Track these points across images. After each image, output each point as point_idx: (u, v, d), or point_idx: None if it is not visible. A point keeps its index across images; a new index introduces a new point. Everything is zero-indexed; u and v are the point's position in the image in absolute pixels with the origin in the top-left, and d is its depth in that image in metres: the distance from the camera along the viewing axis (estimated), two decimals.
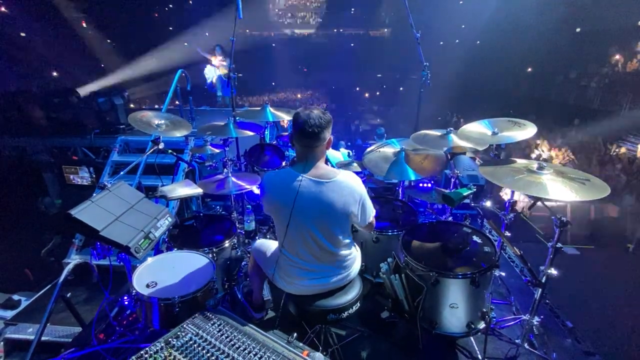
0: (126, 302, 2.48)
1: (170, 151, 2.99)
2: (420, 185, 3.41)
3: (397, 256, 2.28)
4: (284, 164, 3.69)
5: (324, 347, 2.05)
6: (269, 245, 2.14)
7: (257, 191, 3.14)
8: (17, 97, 5.85)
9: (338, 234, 1.82)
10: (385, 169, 2.68)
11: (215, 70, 8.13)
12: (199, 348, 1.37)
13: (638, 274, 5.18)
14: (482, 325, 2.16)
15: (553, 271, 2.05)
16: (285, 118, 3.61)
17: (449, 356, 2.32)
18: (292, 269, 1.87)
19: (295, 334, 1.47)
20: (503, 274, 2.77)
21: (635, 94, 12.56)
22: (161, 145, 2.76)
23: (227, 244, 2.56)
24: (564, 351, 2.43)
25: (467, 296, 2.09)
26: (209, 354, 1.34)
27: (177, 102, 6.49)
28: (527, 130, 2.45)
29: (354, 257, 2.00)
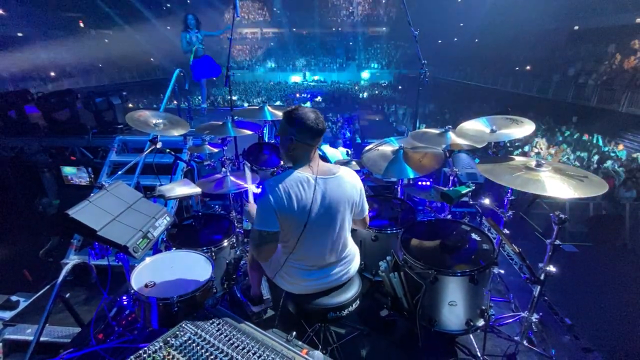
0: (125, 302, 2.48)
1: (168, 150, 2.99)
2: (419, 183, 3.42)
3: (396, 254, 2.28)
4: (282, 162, 3.68)
5: (324, 345, 2.05)
6: None
7: (255, 190, 3.14)
8: (15, 97, 5.82)
9: (346, 228, 1.84)
10: (383, 167, 2.68)
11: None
12: (198, 347, 1.37)
13: (636, 271, 5.20)
14: (481, 322, 2.16)
15: (552, 268, 2.05)
16: None
17: (448, 354, 2.32)
18: (296, 270, 1.86)
19: (294, 333, 1.47)
20: (502, 271, 2.76)
21: (633, 91, 12.58)
22: (159, 145, 2.75)
23: (226, 243, 2.56)
24: (563, 348, 2.43)
25: (465, 294, 2.09)
26: (207, 353, 1.34)
27: (175, 102, 6.48)
28: (524, 128, 2.45)
29: (353, 253, 2.00)
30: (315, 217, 1.69)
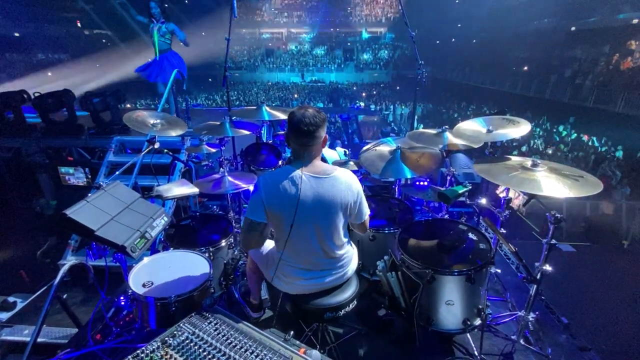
0: (122, 303, 2.48)
1: (166, 151, 2.98)
2: (417, 183, 3.42)
3: (394, 254, 2.28)
4: (280, 162, 3.69)
5: (321, 345, 2.05)
6: (267, 245, 2.14)
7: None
8: (12, 97, 5.79)
9: (338, 230, 1.83)
10: (381, 168, 2.69)
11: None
12: (196, 347, 1.37)
13: (633, 270, 5.22)
14: (478, 321, 2.17)
15: (548, 267, 2.06)
16: (281, 117, 3.61)
17: (445, 353, 2.33)
18: (291, 269, 1.86)
19: (292, 332, 1.47)
20: (499, 270, 2.79)
21: (629, 92, 12.66)
22: (157, 145, 2.75)
23: (223, 243, 2.56)
24: (559, 347, 2.45)
25: (463, 293, 2.10)
26: (205, 353, 1.34)
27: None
28: (521, 128, 2.46)
29: (351, 255, 2.00)
30: (305, 215, 1.70)
